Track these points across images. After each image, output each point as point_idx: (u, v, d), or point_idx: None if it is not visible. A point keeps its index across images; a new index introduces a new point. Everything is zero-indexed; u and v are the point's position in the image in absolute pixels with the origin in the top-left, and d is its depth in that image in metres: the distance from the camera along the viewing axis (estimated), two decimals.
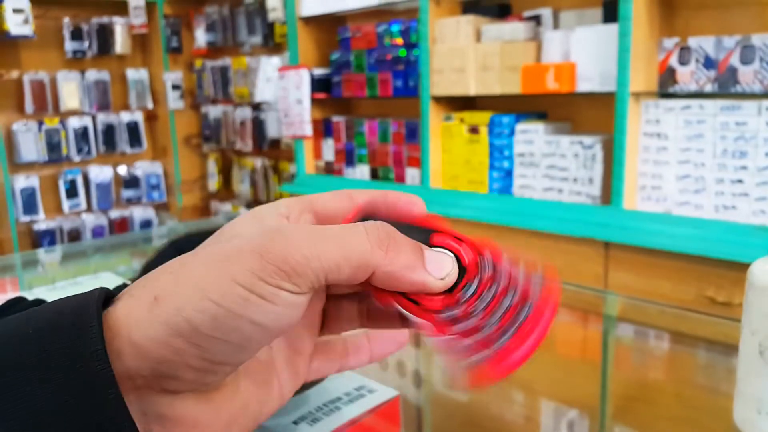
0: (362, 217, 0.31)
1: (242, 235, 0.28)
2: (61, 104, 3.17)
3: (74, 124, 3.22)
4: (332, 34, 2.66)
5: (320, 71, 2.63)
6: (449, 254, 0.29)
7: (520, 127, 2.02)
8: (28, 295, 0.53)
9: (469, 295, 0.28)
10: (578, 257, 1.81)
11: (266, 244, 0.26)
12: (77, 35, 3.22)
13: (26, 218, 3.12)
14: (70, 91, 3.19)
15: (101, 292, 0.26)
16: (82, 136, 3.26)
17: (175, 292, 0.25)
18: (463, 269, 0.29)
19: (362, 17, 2.64)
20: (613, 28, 1.73)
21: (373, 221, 0.28)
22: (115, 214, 3.46)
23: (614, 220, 1.77)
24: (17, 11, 2.79)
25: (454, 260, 0.29)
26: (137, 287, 0.26)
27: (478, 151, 2.13)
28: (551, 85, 1.88)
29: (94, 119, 3.31)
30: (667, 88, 1.72)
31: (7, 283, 1.00)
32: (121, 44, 3.34)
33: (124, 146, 3.43)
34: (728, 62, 1.61)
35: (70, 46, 3.21)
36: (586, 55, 1.82)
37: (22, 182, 3.09)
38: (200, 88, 3.48)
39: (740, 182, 1.61)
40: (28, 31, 2.84)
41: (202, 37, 3.35)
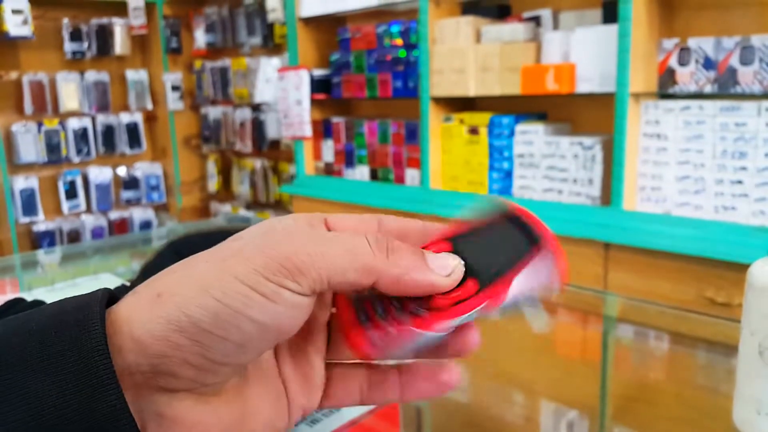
0: None
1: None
2: (60, 105, 3.17)
3: (74, 125, 3.22)
4: (332, 34, 2.66)
5: (320, 72, 2.63)
6: (452, 255, 0.29)
7: (519, 128, 2.02)
8: (27, 296, 0.53)
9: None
10: (578, 258, 1.81)
11: (270, 242, 0.26)
12: (76, 36, 3.22)
13: (26, 219, 3.12)
14: (69, 92, 3.19)
15: (104, 292, 0.26)
16: (81, 137, 3.26)
17: (178, 288, 0.25)
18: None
19: (362, 18, 2.64)
20: (612, 28, 1.73)
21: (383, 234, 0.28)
22: (114, 215, 3.45)
23: (614, 220, 1.77)
24: (16, 12, 2.79)
25: (457, 257, 0.28)
26: (142, 286, 0.26)
27: (477, 151, 2.13)
28: (551, 85, 1.88)
29: (93, 120, 3.31)
30: (666, 88, 1.72)
31: (6, 284, 1.00)
32: (120, 45, 3.34)
33: (123, 147, 3.43)
34: (728, 63, 1.61)
35: (69, 46, 3.21)
36: (585, 55, 1.83)
37: (21, 183, 3.09)
38: (200, 88, 3.48)
39: (740, 183, 1.61)
40: (27, 31, 2.84)
41: (201, 37, 3.35)
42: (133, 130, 3.45)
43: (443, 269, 0.28)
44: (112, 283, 0.90)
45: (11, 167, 3.08)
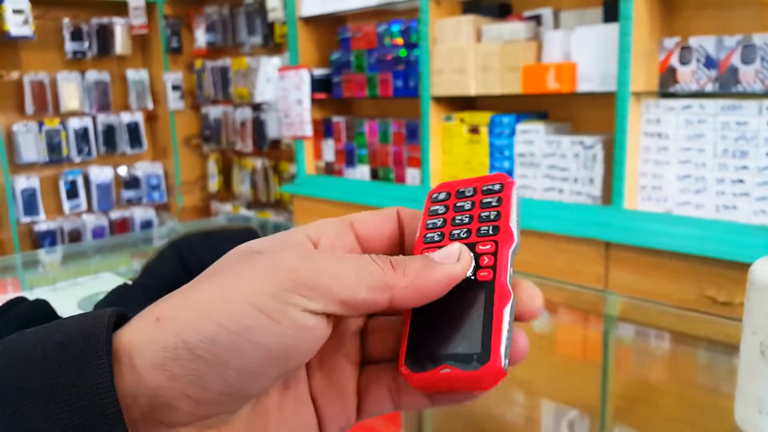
0: None
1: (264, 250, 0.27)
2: (61, 105, 3.17)
3: (74, 124, 3.22)
4: (332, 34, 2.66)
5: (320, 71, 2.63)
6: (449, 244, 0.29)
7: (520, 127, 2.02)
8: (29, 295, 0.53)
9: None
10: (579, 257, 1.81)
11: (275, 261, 0.25)
12: (77, 36, 3.22)
13: (27, 219, 3.12)
14: (70, 91, 3.19)
15: (111, 315, 0.24)
16: (82, 136, 3.26)
17: (176, 312, 0.24)
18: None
19: (362, 17, 2.64)
20: (613, 27, 1.73)
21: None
22: (115, 214, 3.46)
23: (615, 220, 1.77)
24: (17, 12, 2.79)
25: (455, 242, 0.28)
26: (146, 310, 0.25)
27: (478, 151, 2.13)
28: (552, 85, 1.87)
29: (94, 120, 3.31)
30: (667, 87, 1.72)
31: (8, 283, 1.00)
32: (121, 45, 3.34)
33: (124, 147, 3.43)
34: (729, 62, 1.61)
35: (70, 46, 3.21)
36: (586, 54, 1.82)
37: (22, 183, 3.09)
38: (200, 88, 3.48)
39: (741, 182, 1.61)
40: (28, 31, 2.84)
41: (202, 37, 3.35)
42: (133, 129, 3.45)
43: (449, 257, 0.27)
44: (113, 282, 0.90)
45: (12, 167, 3.08)
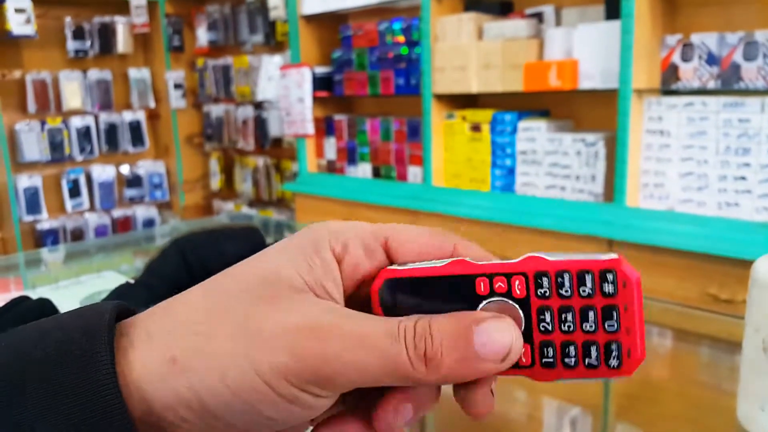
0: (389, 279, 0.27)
1: (283, 279, 0.25)
2: (63, 104, 3.17)
3: (77, 123, 3.22)
4: (334, 32, 2.66)
5: (322, 69, 2.63)
6: (504, 317, 0.24)
7: (522, 124, 2.02)
8: (32, 294, 0.53)
9: (547, 327, 0.25)
10: None
11: (301, 343, 0.24)
12: (79, 35, 3.22)
13: (29, 218, 3.13)
14: (72, 90, 3.19)
15: (112, 311, 0.24)
16: (84, 135, 3.26)
17: (193, 362, 0.23)
18: (528, 314, 0.25)
19: (364, 15, 2.63)
20: (615, 25, 1.73)
21: (407, 318, 0.24)
22: (117, 213, 3.46)
23: (617, 217, 1.77)
24: (19, 11, 2.79)
25: (511, 324, 0.24)
26: (156, 333, 0.24)
27: (480, 149, 2.12)
28: (553, 82, 1.87)
29: (96, 118, 3.32)
30: (669, 85, 1.72)
31: (11, 282, 1.00)
32: (122, 43, 3.34)
33: (126, 145, 3.43)
34: (731, 59, 1.61)
35: (72, 45, 3.21)
36: (588, 52, 1.82)
37: (25, 182, 3.10)
38: (202, 87, 3.48)
39: (743, 179, 1.60)
40: (30, 30, 2.84)
41: (203, 35, 3.35)
42: (135, 128, 3.45)
43: (496, 354, 0.24)
44: (115, 280, 0.91)
45: (15, 166, 3.08)
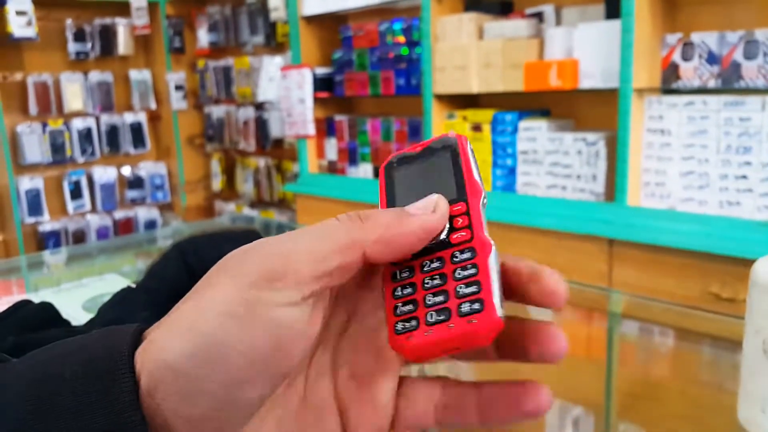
0: None
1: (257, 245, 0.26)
2: (64, 105, 3.18)
3: (78, 125, 3.23)
4: (334, 33, 2.66)
5: (323, 70, 2.63)
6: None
7: (523, 124, 2.02)
8: (34, 296, 0.53)
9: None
10: (582, 254, 1.81)
11: (243, 258, 0.24)
12: (80, 36, 3.23)
13: (31, 219, 3.13)
14: (73, 92, 3.20)
15: (135, 332, 0.24)
16: (85, 137, 3.27)
17: (158, 335, 0.23)
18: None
19: (364, 16, 2.64)
20: (615, 24, 1.73)
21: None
22: (119, 214, 3.46)
23: (618, 217, 1.77)
24: (20, 13, 2.80)
25: (434, 194, 0.27)
26: (156, 338, 0.24)
27: (481, 149, 2.12)
28: (554, 82, 1.87)
29: (97, 120, 3.32)
30: (670, 84, 1.72)
31: (12, 284, 1.00)
32: (123, 45, 3.35)
33: (127, 147, 3.43)
34: (731, 57, 1.61)
35: (73, 47, 3.22)
36: (588, 51, 1.82)
37: (26, 184, 3.10)
38: (203, 88, 3.48)
39: (744, 178, 1.60)
40: (31, 33, 2.84)
41: (204, 37, 3.35)
42: (137, 129, 3.46)
43: (425, 208, 0.26)
44: (117, 283, 0.91)
45: (16, 168, 3.09)
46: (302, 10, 2.61)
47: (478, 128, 2.12)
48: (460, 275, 0.25)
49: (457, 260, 0.26)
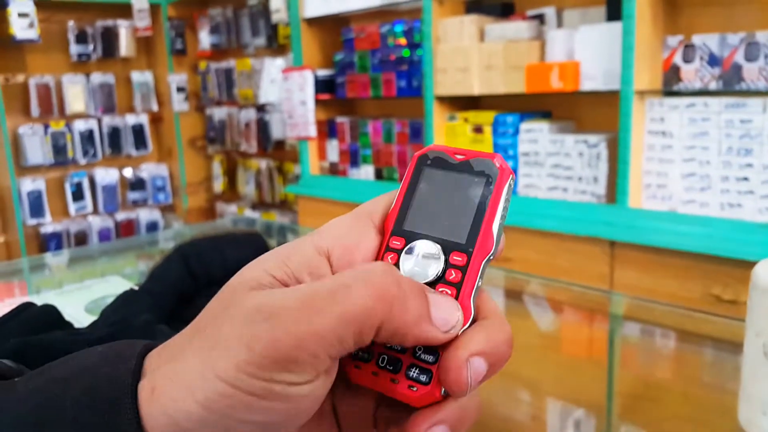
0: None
1: (246, 280, 0.25)
2: (66, 107, 3.19)
3: (80, 127, 3.23)
4: (336, 35, 2.66)
5: (324, 72, 2.63)
6: (456, 303, 0.26)
7: (524, 126, 2.02)
8: (36, 299, 0.53)
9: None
10: (583, 256, 1.81)
11: (252, 329, 0.22)
12: (82, 38, 3.24)
13: (33, 221, 3.14)
14: (75, 94, 3.21)
15: (138, 356, 0.24)
16: (87, 138, 3.27)
17: (166, 387, 0.23)
18: None
19: (365, 18, 2.64)
20: (616, 26, 1.73)
21: (380, 264, 0.25)
22: (121, 216, 3.47)
23: (619, 218, 1.77)
24: (22, 15, 2.80)
25: (460, 308, 0.26)
26: (157, 367, 0.24)
27: (482, 150, 2.12)
28: (555, 84, 1.87)
29: (99, 122, 3.33)
30: (671, 86, 1.72)
31: (15, 286, 1.01)
32: (125, 47, 3.35)
33: (129, 149, 3.44)
34: (733, 59, 1.61)
35: (75, 49, 3.22)
36: (590, 53, 1.82)
37: (28, 185, 3.11)
38: (205, 90, 3.49)
39: (746, 180, 1.60)
40: (33, 35, 2.85)
41: (206, 39, 3.36)
42: (138, 131, 3.46)
43: (444, 325, 0.25)
44: (119, 285, 0.91)
45: (18, 169, 3.09)
46: (304, 12, 2.61)
47: (479, 130, 2.13)
48: None
49: None
